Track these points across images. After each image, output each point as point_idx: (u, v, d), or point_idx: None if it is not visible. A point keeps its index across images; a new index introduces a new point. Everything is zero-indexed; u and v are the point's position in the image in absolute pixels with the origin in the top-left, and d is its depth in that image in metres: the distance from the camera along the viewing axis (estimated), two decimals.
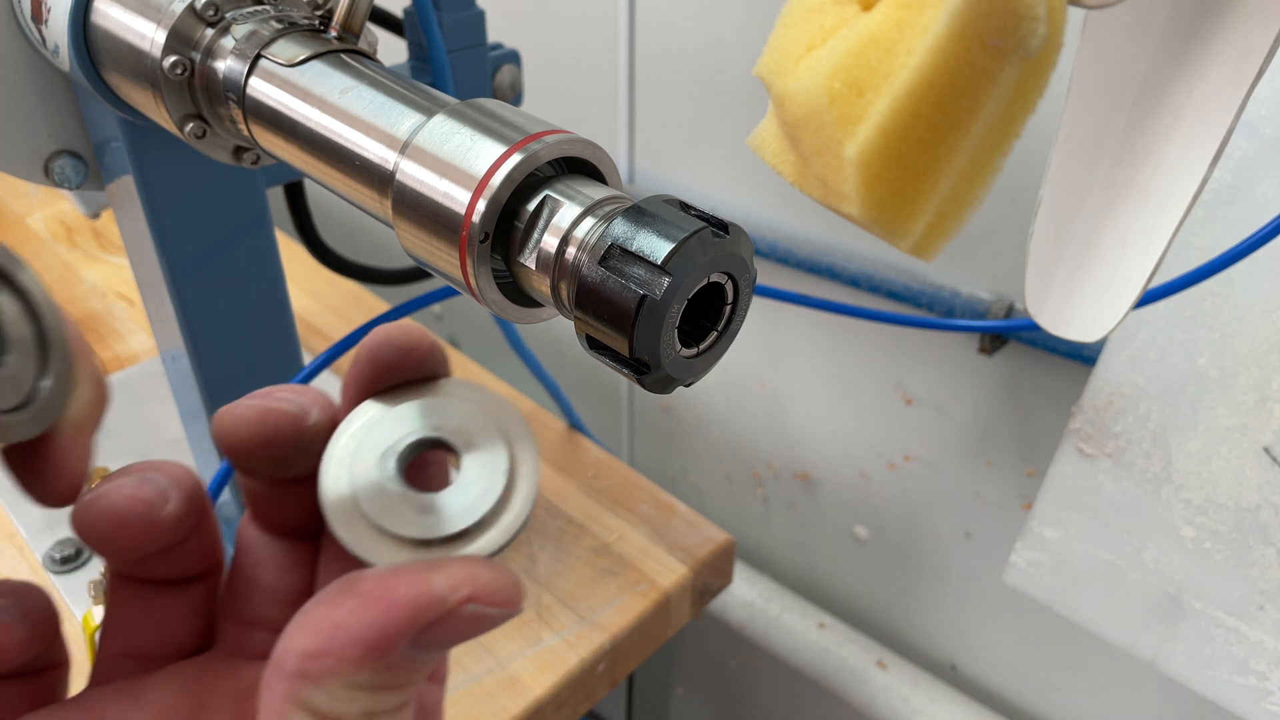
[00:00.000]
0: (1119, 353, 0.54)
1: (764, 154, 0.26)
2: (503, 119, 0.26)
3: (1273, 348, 0.48)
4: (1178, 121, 0.26)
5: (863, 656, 0.80)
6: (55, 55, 0.37)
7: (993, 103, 0.20)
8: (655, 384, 0.24)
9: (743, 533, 0.95)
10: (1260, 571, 0.51)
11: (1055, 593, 0.60)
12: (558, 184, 0.25)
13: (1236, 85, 0.24)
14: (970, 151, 0.21)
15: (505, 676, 0.55)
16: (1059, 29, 0.20)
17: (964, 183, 0.22)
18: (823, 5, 0.23)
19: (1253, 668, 0.53)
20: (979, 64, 0.20)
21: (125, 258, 0.48)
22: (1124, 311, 0.28)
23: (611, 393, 0.99)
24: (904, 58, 0.20)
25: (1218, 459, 0.51)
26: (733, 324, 0.25)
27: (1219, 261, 0.38)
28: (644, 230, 0.22)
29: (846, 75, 0.21)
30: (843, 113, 0.21)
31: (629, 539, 0.64)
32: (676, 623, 0.63)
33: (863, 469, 0.80)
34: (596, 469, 0.70)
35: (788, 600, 0.86)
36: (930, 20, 0.20)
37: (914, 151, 0.21)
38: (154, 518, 0.20)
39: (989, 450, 0.71)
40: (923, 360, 0.71)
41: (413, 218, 0.26)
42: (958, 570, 0.78)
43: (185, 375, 0.50)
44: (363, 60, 0.31)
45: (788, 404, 0.83)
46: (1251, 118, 0.46)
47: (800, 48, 0.23)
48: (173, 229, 0.44)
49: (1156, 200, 0.26)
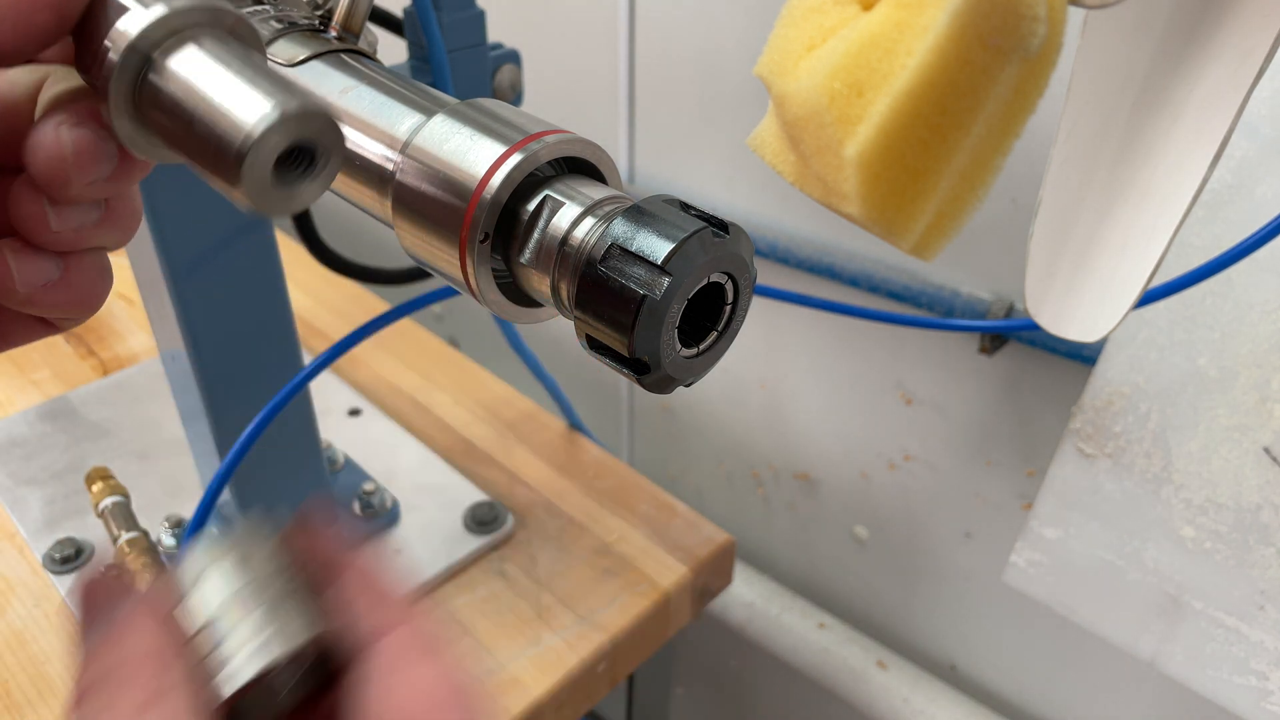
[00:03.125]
0: (1119, 353, 0.54)
1: (764, 154, 0.26)
2: (502, 119, 0.26)
3: (1273, 348, 0.48)
4: (1178, 121, 0.26)
5: (863, 657, 0.80)
6: None
7: (993, 103, 0.20)
8: (655, 384, 0.24)
9: (743, 533, 0.95)
10: (1260, 571, 0.51)
11: (1055, 593, 0.60)
12: (558, 184, 0.25)
13: (1236, 85, 0.24)
14: (970, 151, 0.21)
15: (505, 677, 0.55)
16: (1059, 29, 0.20)
17: (964, 183, 0.22)
18: (823, 5, 0.23)
19: (1253, 668, 0.53)
20: (979, 64, 0.20)
21: (125, 258, 0.48)
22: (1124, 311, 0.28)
23: (611, 393, 0.99)
24: (904, 58, 0.20)
25: (1218, 459, 0.51)
26: (733, 324, 0.25)
27: (1219, 261, 0.38)
28: (644, 230, 0.22)
29: (847, 75, 0.21)
30: (843, 113, 0.21)
31: (629, 539, 0.64)
32: (676, 623, 0.63)
33: (863, 469, 0.80)
34: (596, 469, 0.70)
35: (788, 600, 0.86)
36: (930, 20, 0.20)
37: (914, 151, 0.21)
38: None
39: (989, 450, 0.71)
40: (923, 360, 0.71)
41: (413, 218, 0.26)
42: (958, 570, 0.78)
43: (185, 375, 0.50)
44: (363, 60, 0.31)
45: (788, 404, 0.83)
46: (1251, 118, 0.46)
47: (800, 48, 0.23)
48: (173, 229, 0.44)
49: (1157, 200, 0.26)
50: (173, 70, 0.21)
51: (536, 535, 0.64)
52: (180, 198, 0.44)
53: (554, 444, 0.72)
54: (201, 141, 0.20)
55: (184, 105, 0.20)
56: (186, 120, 0.20)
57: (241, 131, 0.20)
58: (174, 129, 0.21)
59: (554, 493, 0.67)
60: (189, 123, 0.20)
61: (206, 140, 0.20)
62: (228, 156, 0.20)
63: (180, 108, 0.21)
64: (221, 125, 0.20)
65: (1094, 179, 0.28)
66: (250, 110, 0.20)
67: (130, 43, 0.20)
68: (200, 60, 0.21)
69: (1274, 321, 0.48)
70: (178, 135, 0.21)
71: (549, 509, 0.66)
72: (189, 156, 0.21)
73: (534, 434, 0.73)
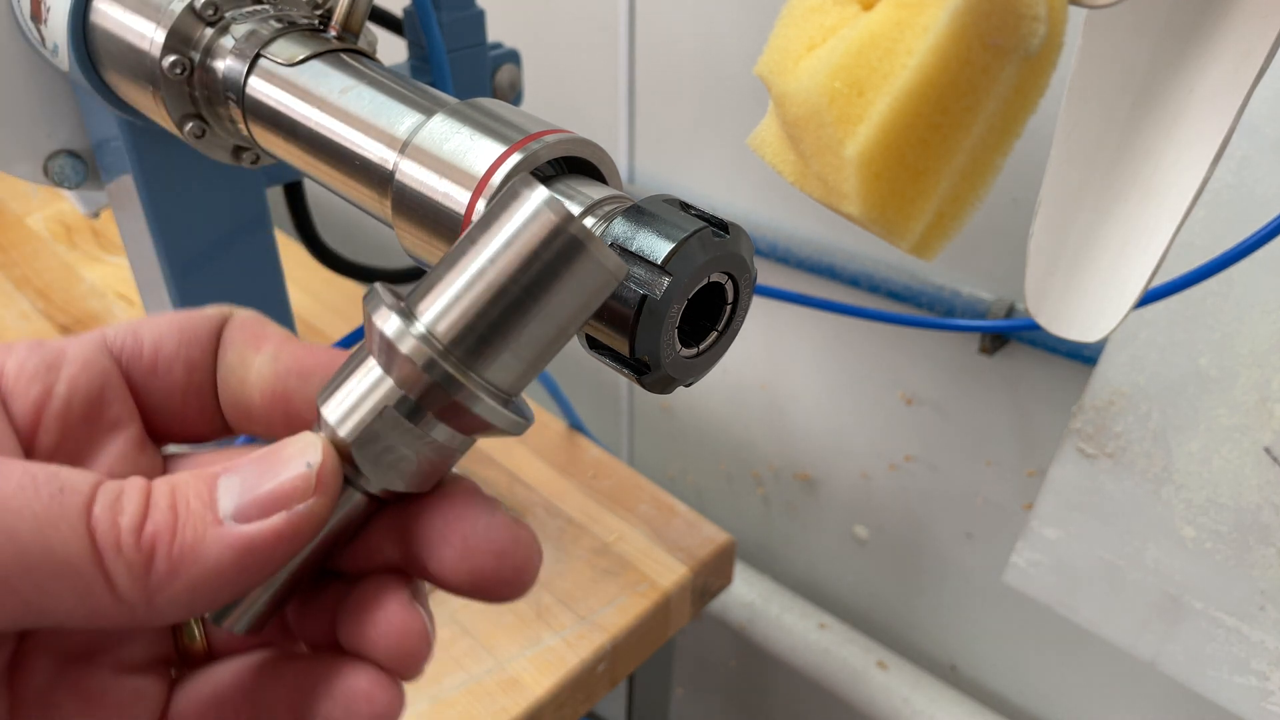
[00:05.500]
0: (1119, 353, 0.54)
1: (764, 154, 0.26)
2: (502, 118, 0.26)
3: (1273, 348, 0.48)
4: (1178, 121, 0.26)
5: (863, 657, 0.80)
6: (54, 55, 0.37)
7: (993, 102, 0.20)
8: (655, 384, 0.24)
9: (743, 533, 0.95)
10: (1261, 571, 0.51)
11: (1056, 593, 0.60)
12: (558, 184, 0.25)
13: (1237, 85, 0.24)
14: (970, 151, 0.21)
15: (505, 677, 0.55)
16: (1059, 29, 0.20)
17: (964, 182, 0.22)
18: (823, 4, 0.23)
19: (1253, 668, 0.53)
20: (979, 63, 0.20)
21: (125, 257, 0.48)
22: (1124, 311, 0.28)
23: (611, 393, 0.99)
24: (904, 57, 0.20)
25: (1218, 459, 0.51)
26: (733, 324, 0.25)
27: (1219, 261, 0.38)
28: (644, 230, 0.22)
29: (847, 75, 0.21)
30: (843, 112, 0.21)
31: (629, 539, 0.64)
32: (676, 623, 0.63)
33: (863, 469, 0.80)
34: (596, 469, 0.70)
35: (788, 600, 0.86)
36: (930, 20, 0.20)
37: (914, 151, 0.21)
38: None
39: (989, 450, 0.71)
40: (923, 360, 0.71)
41: (413, 217, 0.26)
42: (958, 570, 0.78)
43: None
44: (362, 60, 0.31)
45: (788, 404, 0.83)
46: (1252, 118, 0.46)
47: (801, 47, 0.23)
48: (173, 229, 0.44)
49: (1157, 200, 0.26)
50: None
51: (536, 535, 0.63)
52: (180, 198, 0.44)
53: (554, 444, 0.72)
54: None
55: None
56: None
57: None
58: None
59: (554, 493, 0.67)
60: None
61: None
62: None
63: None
64: None
65: (1094, 179, 0.28)
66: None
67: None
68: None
69: (1274, 321, 0.48)
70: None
71: (549, 509, 0.66)
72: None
73: (534, 434, 0.73)
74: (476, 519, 0.21)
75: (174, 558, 0.18)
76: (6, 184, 1.03)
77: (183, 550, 0.18)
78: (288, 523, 0.19)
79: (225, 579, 0.18)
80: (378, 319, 0.19)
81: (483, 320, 0.18)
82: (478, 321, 0.18)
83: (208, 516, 0.18)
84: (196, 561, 0.18)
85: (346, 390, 0.20)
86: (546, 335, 0.19)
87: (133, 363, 0.22)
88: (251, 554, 0.18)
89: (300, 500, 0.19)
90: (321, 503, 0.19)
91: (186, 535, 0.18)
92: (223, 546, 0.18)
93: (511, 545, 0.21)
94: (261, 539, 0.18)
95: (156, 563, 0.18)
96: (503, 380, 0.19)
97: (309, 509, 0.19)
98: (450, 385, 0.18)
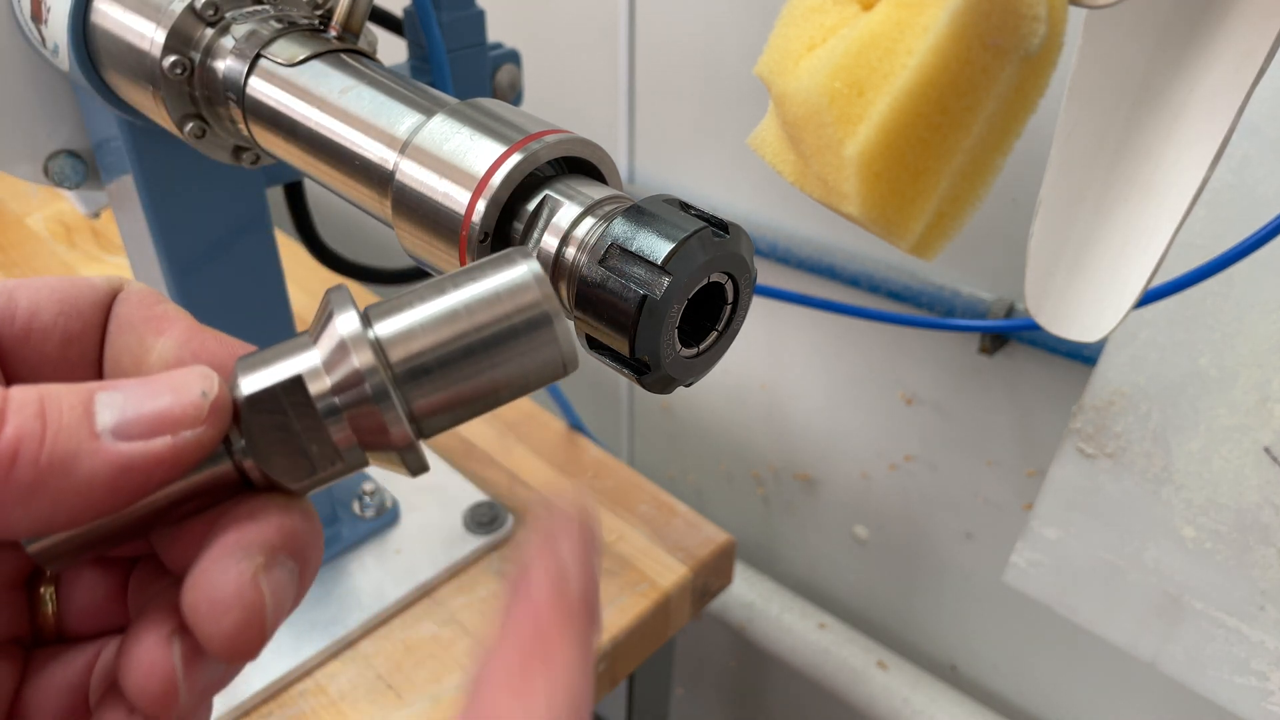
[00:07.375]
0: (1119, 353, 0.54)
1: (764, 153, 0.26)
2: (502, 119, 0.26)
3: (1273, 348, 0.48)
4: (1178, 121, 0.26)
5: (863, 657, 0.80)
6: (55, 55, 0.37)
7: (993, 102, 0.20)
8: (655, 384, 0.24)
9: (743, 533, 0.95)
10: (1261, 571, 0.51)
11: (1056, 593, 0.60)
12: (558, 184, 0.25)
13: (1237, 85, 0.24)
14: (971, 151, 0.21)
15: None
16: (1059, 29, 0.20)
17: (964, 182, 0.22)
18: (823, 5, 0.23)
19: (1253, 668, 0.53)
20: (979, 63, 0.20)
21: (125, 258, 0.48)
22: (1124, 311, 0.28)
23: (611, 393, 0.99)
24: (904, 57, 0.20)
25: (1218, 459, 0.51)
26: (733, 324, 0.25)
27: (1219, 261, 0.38)
28: (644, 230, 0.22)
29: (847, 75, 0.21)
30: (843, 112, 0.21)
31: (629, 539, 0.64)
32: (676, 623, 0.63)
33: (863, 469, 0.80)
34: (596, 469, 0.70)
35: (788, 600, 0.86)
36: (931, 20, 0.20)
37: (914, 151, 0.21)
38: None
39: (989, 450, 0.71)
40: (923, 360, 0.71)
41: (413, 217, 0.26)
42: (958, 570, 0.78)
43: None
44: (362, 60, 0.31)
45: (788, 404, 0.83)
46: (1252, 118, 0.46)
47: (801, 47, 0.23)
48: (173, 229, 0.44)
49: (1157, 200, 0.26)
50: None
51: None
52: (180, 198, 0.44)
53: (554, 444, 0.72)
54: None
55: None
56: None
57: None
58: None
59: (554, 493, 0.67)
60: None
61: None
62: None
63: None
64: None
65: (1094, 179, 0.28)
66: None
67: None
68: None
69: (1275, 321, 0.48)
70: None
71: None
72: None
73: (534, 434, 0.73)
74: (222, 563, 0.18)
75: (41, 467, 0.16)
76: (6, 184, 1.03)
77: (52, 461, 0.16)
78: (171, 448, 0.17)
79: (93, 498, 0.17)
80: (339, 315, 0.19)
81: (433, 353, 0.19)
82: (429, 351, 0.19)
83: (83, 429, 0.17)
84: (67, 475, 0.16)
85: (271, 358, 0.19)
86: (479, 390, 0.19)
87: (2, 326, 0.20)
88: (127, 475, 0.17)
89: (188, 427, 0.17)
90: (209, 434, 0.18)
91: (58, 445, 0.16)
92: (98, 462, 0.17)
93: (233, 604, 0.18)
94: (141, 460, 0.17)
95: (18, 470, 0.16)
96: (422, 413, 0.19)
97: (196, 436, 0.17)
98: (381, 398, 0.18)
